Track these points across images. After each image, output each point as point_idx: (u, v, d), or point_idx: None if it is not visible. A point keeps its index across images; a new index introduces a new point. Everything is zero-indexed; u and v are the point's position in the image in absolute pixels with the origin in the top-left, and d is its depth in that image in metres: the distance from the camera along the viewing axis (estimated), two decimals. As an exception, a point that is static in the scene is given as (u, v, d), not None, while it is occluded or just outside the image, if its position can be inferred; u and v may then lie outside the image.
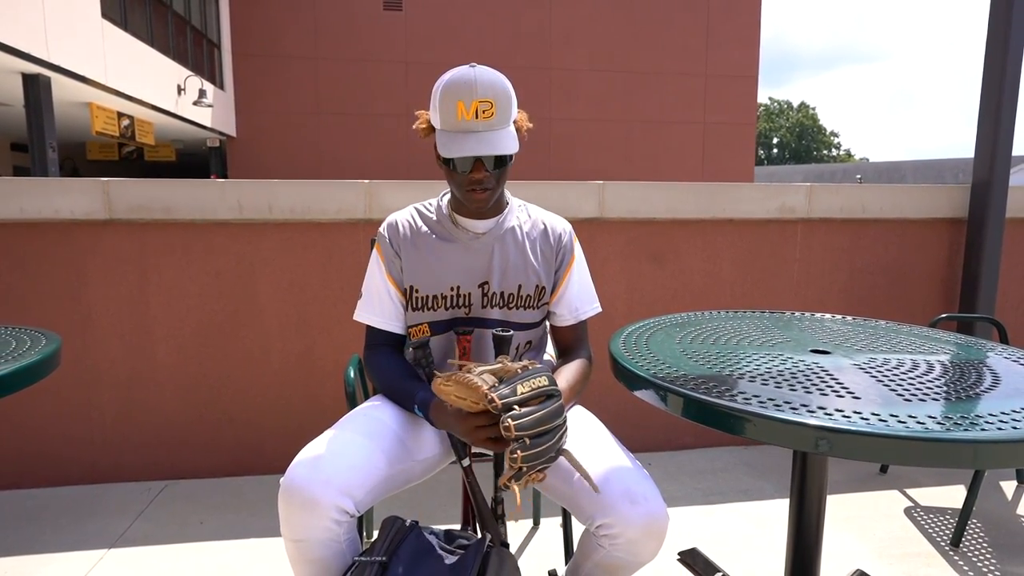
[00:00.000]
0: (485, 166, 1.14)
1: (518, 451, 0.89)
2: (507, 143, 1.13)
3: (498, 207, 1.27)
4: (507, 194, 1.31)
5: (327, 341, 2.22)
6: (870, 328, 1.44)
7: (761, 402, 0.92)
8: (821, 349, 1.23)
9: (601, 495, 1.00)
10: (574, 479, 1.05)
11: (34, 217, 2.02)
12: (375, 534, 1.79)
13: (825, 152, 56.39)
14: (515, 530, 1.85)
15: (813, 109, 56.60)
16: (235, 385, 2.20)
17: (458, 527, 1.32)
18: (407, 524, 1.01)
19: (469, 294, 1.24)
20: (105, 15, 9.44)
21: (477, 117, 1.09)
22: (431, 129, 1.20)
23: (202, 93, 12.04)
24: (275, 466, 2.23)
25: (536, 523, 1.89)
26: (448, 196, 1.30)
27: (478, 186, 1.15)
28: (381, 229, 1.29)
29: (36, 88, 8.48)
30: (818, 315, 1.57)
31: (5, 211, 2.00)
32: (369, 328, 1.28)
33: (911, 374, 1.06)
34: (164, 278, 2.12)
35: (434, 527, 1.05)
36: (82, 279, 2.08)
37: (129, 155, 15.79)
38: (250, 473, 2.23)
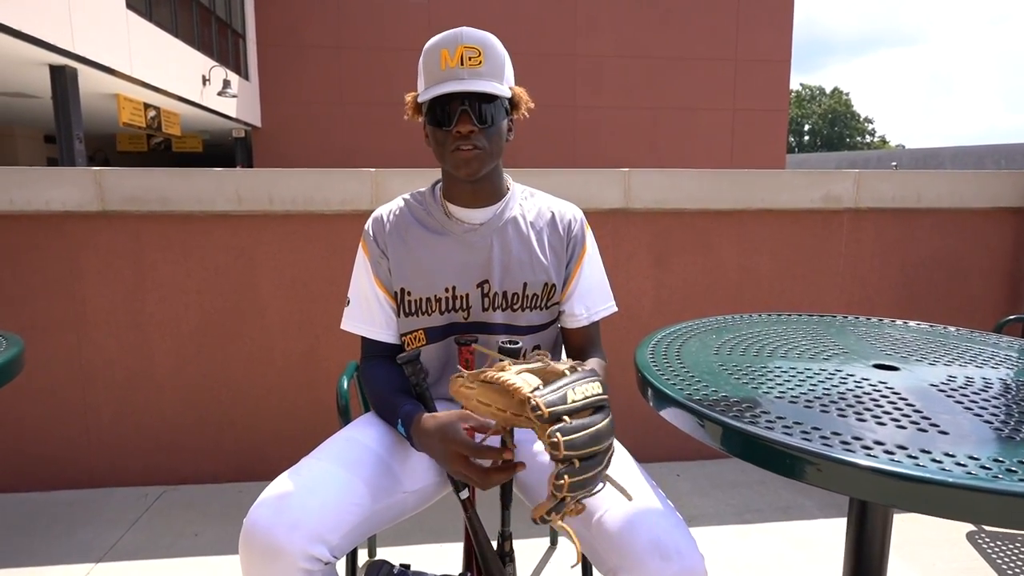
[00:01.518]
0: (472, 118, 0.99)
1: (565, 476, 0.70)
2: (495, 87, 1.00)
3: (496, 192, 1.11)
4: (508, 179, 1.15)
5: (331, 340, 2.08)
6: (939, 336, 1.24)
7: (824, 437, 0.74)
8: (886, 364, 1.04)
9: (626, 545, 0.83)
10: (592, 521, 0.89)
11: (25, 209, 1.92)
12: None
13: (859, 139, 54.77)
14: (528, 552, 1.70)
15: (846, 95, 54.94)
16: (235, 386, 2.08)
17: (459, 563, 1.17)
18: (395, 571, 0.86)
19: (467, 295, 1.08)
20: (130, 5, 9.46)
21: (463, 64, 0.99)
22: (419, 109, 1.06)
23: (226, 83, 12.06)
24: (277, 472, 2.10)
25: (553, 543, 1.74)
26: (440, 184, 1.14)
27: (464, 143, 1.00)
28: (367, 225, 1.14)
29: (63, 79, 8.54)
30: (875, 319, 1.38)
31: (-5, 202, 1.90)
32: (363, 338, 1.14)
33: (1005, 399, 0.87)
34: (161, 273, 2.01)
35: (428, 573, 0.90)
36: (76, 274, 1.98)
37: (157, 146, 15.98)
38: (252, 479, 2.11)
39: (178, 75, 10.99)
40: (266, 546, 0.80)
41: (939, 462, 0.68)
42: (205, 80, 12.03)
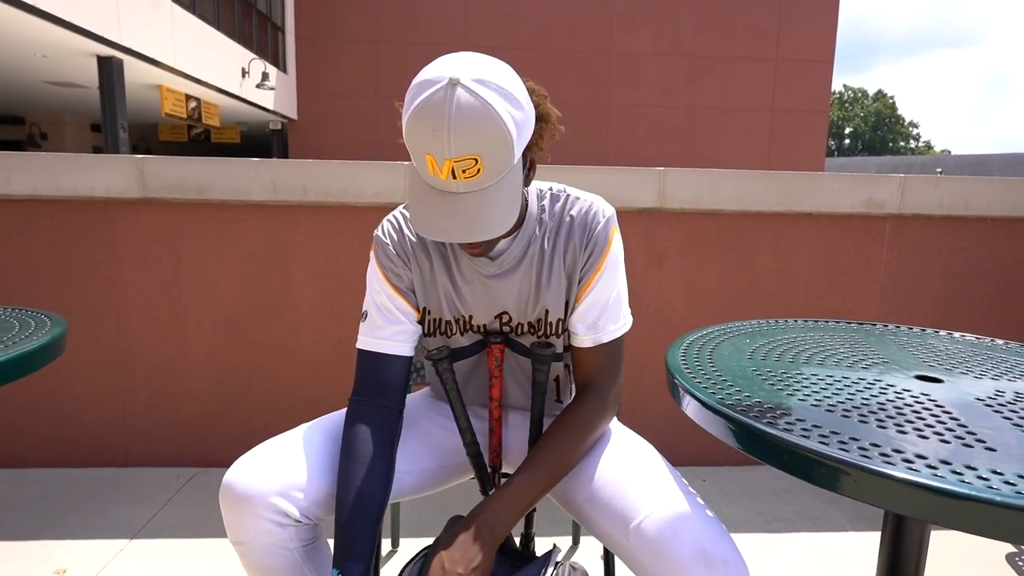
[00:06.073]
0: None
1: None
2: (501, 214, 0.80)
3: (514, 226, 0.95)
4: (526, 190, 0.98)
5: (361, 332, 2.10)
6: (986, 348, 1.20)
7: (863, 448, 0.72)
8: (929, 375, 1.00)
9: (668, 553, 0.80)
10: (630, 527, 0.84)
11: (70, 194, 1.98)
12: (400, 543, 1.66)
13: (902, 144, 53.22)
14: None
15: (891, 98, 53.41)
16: (265, 375, 2.12)
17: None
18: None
19: (485, 325, 1.01)
20: (175, -1, 9.70)
21: (455, 177, 0.77)
22: None
23: (264, 76, 12.28)
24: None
25: (575, 542, 1.73)
26: None
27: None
28: (378, 231, 0.99)
29: (110, 70, 8.81)
30: (916, 329, 1.33)
31: (43, 187, 1.96)
32: (361, 364, 0.97)
33: (1058, 417, 0.83)
34: (198, 261, 2.05)
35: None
36: (116, 259, 2.03)
37: (197, 137, 16.37)
38: (279, 465, 2.15)
39: (218, 67, 11.23)
40: (235, 495, 0.85)
41: (985, 479, 0.65)
42: (244, 72, 12.27)
